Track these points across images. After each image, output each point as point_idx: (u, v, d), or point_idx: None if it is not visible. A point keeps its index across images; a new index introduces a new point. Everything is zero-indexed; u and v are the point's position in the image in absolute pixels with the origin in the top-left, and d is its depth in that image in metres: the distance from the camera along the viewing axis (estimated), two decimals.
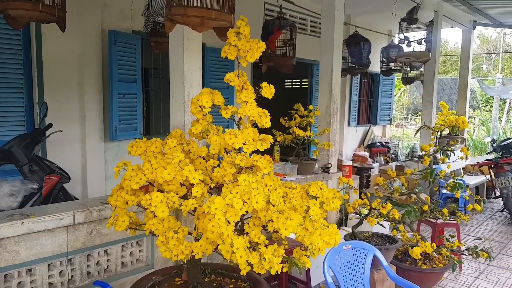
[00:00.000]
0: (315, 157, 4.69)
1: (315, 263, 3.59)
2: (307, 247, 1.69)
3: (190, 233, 1.85)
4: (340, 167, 4.87)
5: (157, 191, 1.79)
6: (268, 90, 1.97)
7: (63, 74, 4.46)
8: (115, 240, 2.67)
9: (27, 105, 4.23)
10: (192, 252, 1.70)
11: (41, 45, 4.24)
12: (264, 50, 1.93)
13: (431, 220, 4.23)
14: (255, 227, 1.68)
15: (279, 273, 1.59)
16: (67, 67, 4.49)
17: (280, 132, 4.39)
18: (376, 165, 8.09)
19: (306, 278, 3.51)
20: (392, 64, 7.61)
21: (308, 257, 1.74)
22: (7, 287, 2.24)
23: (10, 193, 3.14)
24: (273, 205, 1.66)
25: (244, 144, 1.81)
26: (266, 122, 1.93)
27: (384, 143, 9.52)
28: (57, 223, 2.35)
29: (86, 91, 4.62)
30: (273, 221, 1.60)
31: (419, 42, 5.77)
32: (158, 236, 1.74)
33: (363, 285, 2.86)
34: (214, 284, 2.11)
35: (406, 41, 5.86)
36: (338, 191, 1.94)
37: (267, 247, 1.60)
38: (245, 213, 1.66)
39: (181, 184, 1.86)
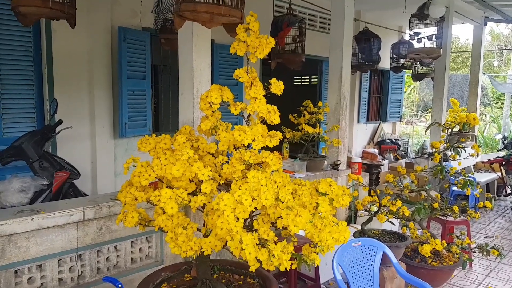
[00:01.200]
0: (324, 154, 4.67)
1: (324, 260, 3.57)
2: (316, 244, 1.68)
3: (199, 230, 1.85)
4: (350, 164, 4.85)
5: (166, 187, 1.79)
6: (277, 86, 1.96)
7: (73, 71, 4.49)
8: (124, 236, 2.68)
9: (37, 101, 4.26)
10: (201, 248, 1.70)
11: (51, 42, 4.27)
12: (273, 46, 1.91)
13: (441, 217, 4.19)
14: (264, 223, 1.67)
15: (288, 270, 1.59)
16: (76, 64, 4.51)
17: (289, 129, 4.38)
18: (385, 162, 8.04)
19: (315, 275, 3.50)
20: (402, 61, 7.55)
21: (317, 254, 1.73)
22: (17, 283, 2.26)
23: (21, 189, 3.17)
24: (282, 202, 1.65)
25: (253, 140, 1.80)
26: (275, 119, 1.91)
27: (394, 140, 9.45)
28: (67, 219, 2.37)
29: (96, 88, 4.64)
30: (282, 218, 1.59)
31: (429, 38, 5.71)
32: (167, 232, 1.74)
33: (373, 282, 2.84)
34: (223, 281, 2.11)
35: (416, 37, 5.80)
36: (347, 188, 1.92)
37: (276, 244, 1.59)
38: (254, 210, 1.65)
39: (190, 181, 1.86)
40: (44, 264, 2.35)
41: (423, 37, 5.83)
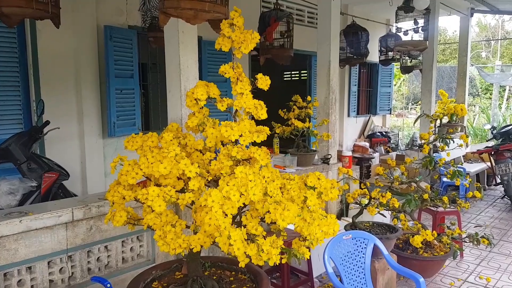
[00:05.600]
0: (314, 149, 4.68)
1: (317, 254, 3.59)
2: (306, 237, 1.69)
3: (188, 227, 1.85)
4: (340, 157, 4.86)
5: (154, 185, 1.78)
6: (263, 81, 1.95)
7: (59, 71, 4.44)
8: (115, 236, 2.67)
9: (23, 103, 4.21)
10: (191, 245, 1.70)
11: (36, 42, 4.22)
12: (261, 41, 1.91)
13: (432, 208, 4.23)
14: (252, 219, 1.68)
15: (277, 264, 1.59)
16: (63, 64, 4.46)
17: (279, 124, 4.38)
18: (376, 155, 8.07)
19: (308, 269, 3.52)
20: (390, 54, 7.58)
21: (307, 248, 1.73)
22: (7, 286, 2.24)
23: (9, 191, 3.14)
24: (271, 197, 1.65)
25: (240, 136, 1.80)
26: (262, 114, 1.91)
27: (384, 133, 9.50)
28: (56, 220, 2.35)
29: (83, 88, 4.60)
30: (270, 213, 1.59)
31: (416, 31, 5.73)
32: (156, 230, 1.73)
33: (364, 274, 2.86)
34: (215, 277, 2.11)
35: (402, 30, 5.83)
36: (337, 182, 1.93)
37: (265, 239, 1.59)
38: (242, 206, 1.65)
39: (178, 178, 1.85)
40: (34, 266, 2.33)
41: (410, 30, 5.85)
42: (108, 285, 2.12)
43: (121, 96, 4.84)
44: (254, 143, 1.86)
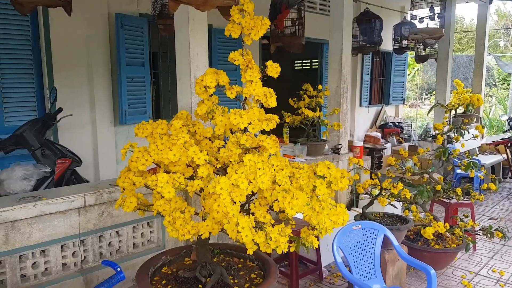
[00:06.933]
0: (325, 138, 4.65)
1: (325, 244, 3.59)
2: (315, 226, 1.68)
3: (197, 214, 1.86)
4: (351, 147, 4.83)
5: (164, 172, 1.79)
6: (273, 69, 1.93)
7: (72, 58, 4.47)
8: (125, 222, 2.71)
9: (37, 90, 4.26)
10: (199, 232, 1.71)
11: (49, 30, 4.25)
12: (272, 29, 1.89)
13: (445, 200, 4.17)
14: (261, 207, 1.68)
15: (285, 252, 1.59)
16: (75, 52, 4.49)
17: (289, 113, 4.34)
18: (388, 145, 8.00)
19: (316, 258, 3.52)
20: (404, 42, 7.44)
21: (316, 237, 1.73)
22: (22, 267, 2.30)
23: (24, 177, 3.20)
24: (279, 185, 1.64)
25: (249, 124, 1.79)
26: (272, 102, 1.90)
27: (397, 124, 9.38)
28: (69, 205, 2.39)
29: (95, 75, 4.63)
30: (278, 201, 1.59)
31: (432, 18, 5.61)
32: (165, 216, 1.75)
33: (374, 265, 2.85)
34: (223, 264, 2.13)
35: (417, 18, 5.71)
36: (348, 172, 1.91)
37: (273, 227, 1.59)
38: (251, 194, 1.65)
39: (188, 165, 1.86)
40: (48, 250, 2.39)
41: (425, 17, 5.73)
42: (118, 269, 2.16)
43: (132, 84, 4.87)
44: (263, 132, 1.85)
